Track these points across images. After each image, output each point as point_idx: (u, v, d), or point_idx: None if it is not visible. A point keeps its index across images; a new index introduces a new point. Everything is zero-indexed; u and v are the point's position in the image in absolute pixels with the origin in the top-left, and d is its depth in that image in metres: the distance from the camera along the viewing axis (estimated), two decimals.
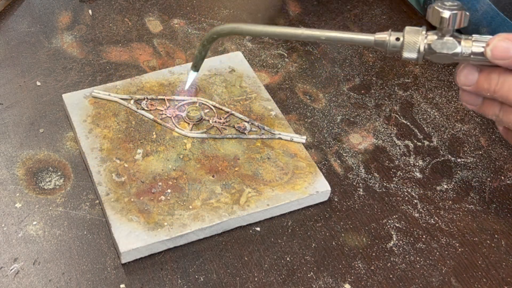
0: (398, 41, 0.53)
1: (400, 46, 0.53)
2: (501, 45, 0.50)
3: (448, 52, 0.52)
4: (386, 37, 0.53)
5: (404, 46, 0.53)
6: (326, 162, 0.66)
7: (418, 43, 0.53)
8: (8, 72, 0.74)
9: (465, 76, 0.54)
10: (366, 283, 0.58)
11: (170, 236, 0.58)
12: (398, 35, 0.53)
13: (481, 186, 0.65)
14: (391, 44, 0.53)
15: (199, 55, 0.59)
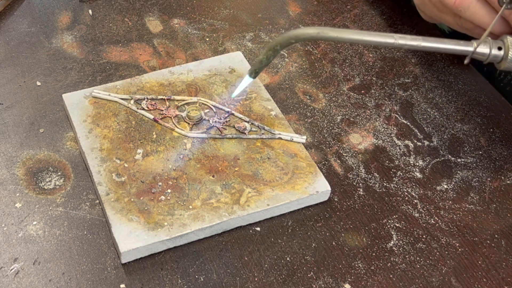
0: (500, 51, 0.50)
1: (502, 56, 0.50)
2: None
3: None
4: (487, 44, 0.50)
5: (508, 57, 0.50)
6: (326, 162, 0.66)
7: None
8: (8, 72, 0.74)
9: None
10: (366, 283, 0.58)
11: (170, 236, 0.58)
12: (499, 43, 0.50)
13: (481, 186, 0.65)
14: (492, 54, 0.50)
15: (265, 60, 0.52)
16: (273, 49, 0.50)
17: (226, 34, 0.79)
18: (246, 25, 0.80)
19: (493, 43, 0.51)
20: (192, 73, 0.72)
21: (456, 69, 0.76)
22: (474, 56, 0.51)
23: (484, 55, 0.51)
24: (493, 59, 0.51)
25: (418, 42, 0.50)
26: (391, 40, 0.49)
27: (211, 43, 0.78)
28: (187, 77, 0.72)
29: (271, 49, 0.50)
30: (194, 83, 0.71)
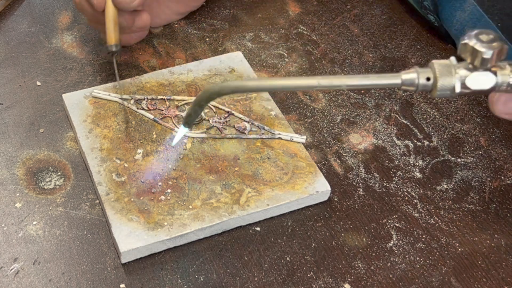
0: (429, 81, 0.48)
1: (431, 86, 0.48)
2: None
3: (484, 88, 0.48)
4: (414, 75, 0.48)
5: (437, 87, 0.48)
6: (326, 162, 0.66)
7: (452, 82, 0.48)
8: (8, 72, 0.74)
9: (504, 104, 0.50)
10: (366, 283, 0.58)
11: (170, 236, 0.58)
12: (427, 73, 0.48)
13: (481, 186, 0.65)
14: (421, 84, 0.48)
15: (194, 114, 0.52)
16: (198, 104, 0.51)
17: (226, 34, 0.79)
18: (246, 25, 0.80)
19: (421, 73, 0.48)
20: (192, 73, 0.72)
21: None
22: (403, 88, 0.49)
23: (413, 85, 0.48)
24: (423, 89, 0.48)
25: (342, 81, 0.49)
26: (314, 83, 0.48)
27: (211, 43, 0.78)
28: (187, 77, 0.72)
29: (196, 104, 0.51)
30: (194, 83, 0.71)
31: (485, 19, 0.72)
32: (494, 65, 0.48)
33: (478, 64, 0.47)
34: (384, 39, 0.79)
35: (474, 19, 0.73)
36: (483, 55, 0.47)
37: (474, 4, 0.73)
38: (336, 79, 0.48)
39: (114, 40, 0.68)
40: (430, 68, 0.48)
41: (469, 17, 0.74)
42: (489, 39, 0.47)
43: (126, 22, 0.69)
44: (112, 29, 0.68)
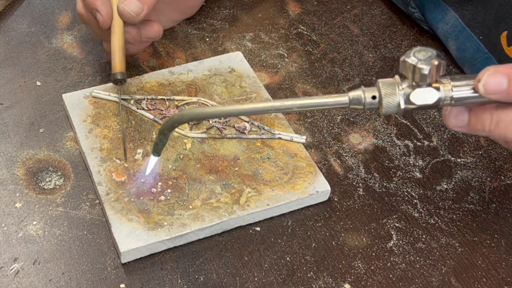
0: (375, 100, 0.50)
1: (378, 103, 0.50)
2: (493, 80, 0.48)
3: (428, 103, 0.50)
4: (360, 94, 0.50)
5: (382, 104, 0.50)
6: (326, 162, 0.66)
7: (396, 99, 0.50)
8: (8, 72, 0.74)
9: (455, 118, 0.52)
10: (366, 283, 0.58)
11: (170, 236, 0.58)
12: (372, 91, 0.50)
13: (481, 186, 0.65)
14: (367, 102, 0.50)
15: (160, 142, 0.56)
16: (163, 133, 0.55)
17: (226, 34, 0.79)
18: (246, 25, 0.80)
19: (367, 92, 0.50)
20: (192, 73, 0.72)
21: (455, 69, 0.76)
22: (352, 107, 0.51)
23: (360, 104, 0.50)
24: (370, 107, 0.50)
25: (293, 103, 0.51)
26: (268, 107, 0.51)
27: (211, 43, 0.78)
28: (187, 77, 0.72)
29: (161, 133, 0.55)
30: (194, 83, 0.71)
31: (467, 31, 0.72)
32: (436, 81, 0.50)
33: (418, 80, 0.49)
34: (384, 39, 0.79)
35: (456, 31, 0.74)
36: (421, 71, 0.48)
37: (456, 16, 0.73)
38: (287, 101, 0.51)
39: (119, 68, 0.67)
40: (375, 86, 0.50)
41: (452, 29, 0.74)
42: (426, 56, 0.49)
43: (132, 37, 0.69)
44: (118, 57, 0.67)
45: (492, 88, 0.48)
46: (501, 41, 0.68)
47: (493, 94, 0.49)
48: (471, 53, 0.72)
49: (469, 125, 0.52)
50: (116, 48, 0.67)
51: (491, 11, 0.69)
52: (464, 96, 0.50)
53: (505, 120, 0.50)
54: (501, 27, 0.68)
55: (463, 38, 0.73)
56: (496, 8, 0.68)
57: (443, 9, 0.75)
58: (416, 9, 0.78)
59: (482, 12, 0.71)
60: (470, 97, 0.50)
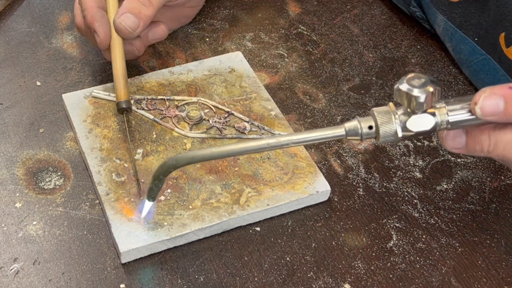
0: (372, 130, 0.50)
1: (374, 133, 0.50)
2: (489, 103, 0.48)
3: (426, 129, 0.49)
4: (357, 125, 0.50)
5: (380, 133, 0.49)
6: (326, 162, 0.66)
7: (393, 128, 0.49)
8: (8, 72, 0.74)
9: (453, 140, 0.51)
10: (366, 283, 0.58)
11: (170, 236, 0.58)
12: (368, 121, 0.50)
13: (481, 186, 0.65)
14: (364, 133, 0.50)
15: (155, 187, 0.54)
16: (158, 179, 0.54)
17: (226, 34, 0.79)
18: (246, 25, 0.80)
19: (363, 123, 0.49)
20: (192, 73, 0.72)
21: (455, 69, 0.76)
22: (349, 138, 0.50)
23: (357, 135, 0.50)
24: (367, 137, 0.50)
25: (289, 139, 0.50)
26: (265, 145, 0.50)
27: (211, 43, 0.78)
28: (187, 77, 0.72)
29: (156, 179, 0.54)
30: (194, 83, 0.71)
31: (460, 34, 0.72)
32: (431, 106, 0.49)
33: (414, 108, 0.49)
34: (384, 39, 0.79)
35: (449, 34, 0.74)
36: (417, 99, 0.48)
37: (445, 20, 0.73)
38: (283, 138, 0.50)
39: (124, 96, 0.66)
40: (371, 116, 0.50)
41: (444, 32, 0.74)
42: (421, 83, 0.48)
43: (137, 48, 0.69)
44: (121, 85, 0.66)
45: (489, 110, 0.48)
46: (500, 42, 0.68)
47: (490, 116, 0.48)
48: (466, 54, 0.72)
49: (467, 147, 0.51)
50: (118, 72, 0.66)
51: (488, 12, 0.69)
52: (461, 119, 0.49)
53: (503, 141, 0.50)
54: (498, 28, 0.68)
55: (457, 40, 0.73)
56: (494, 10, 0.68)
57: (433, 12, 0.75)
58: (418, 8, 0.78)
59: (476, 14, 0.71)
60: (467, 120, 0.49)
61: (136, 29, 0.67)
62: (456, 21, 0.72)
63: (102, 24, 0.67)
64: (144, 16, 0.67)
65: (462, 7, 0.72)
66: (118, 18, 0.67)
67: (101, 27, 0.67)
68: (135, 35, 0.67)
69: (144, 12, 0.67)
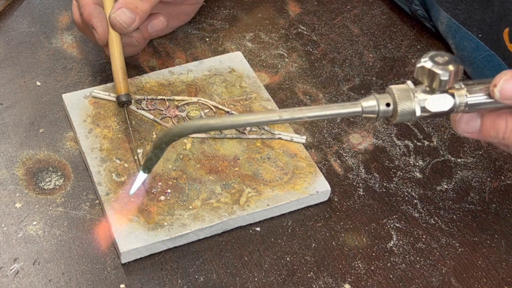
0: (389, 107, 0.48)
1: (392, 111, 0.48)
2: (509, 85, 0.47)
3: (444, 110, 0.48)
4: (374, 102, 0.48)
5: (398, 111, 0.48)
6: (326, 162, 0.66)
7: (412, 106, 0.48)
8: (8, 72, 0.74)
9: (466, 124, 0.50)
10: (366, 283, 0.58)
11: (170, 236, 0.58)
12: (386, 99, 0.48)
13: (481, 186, 0.65)
14: (381, 110, 0.48)
15: (154, 157, 0.51)
16: (159, 147, 0.50)
17: (226, 34, 0.79)
18: (246, 25, 0.80)
19: (380, 100, 0.48)
20: (192, 73, 0.72)
21: None
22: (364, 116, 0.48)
23: (374, 113, 0.48)
24: (384, 115, 0.48)
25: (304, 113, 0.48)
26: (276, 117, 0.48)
27: (211, 43, 0.78)
28: (187, 77, 0.72)
29: (157, 147, 0.50)
30: (194, 83, 0.71)
31: (463, 30, 0.72)
32: (451, 87, 0.48)
33: (436, 86, 0.47)
34: (384, 39, 0.79)
35: (452, 31, 0.74)
36: (440, 77, 0.47)
37: (448, 17, 0.73)
38: (298, 112, 0.48)
39: (123, 89, 0.66)
40: (388, 93, 0.48)
41: (447, 29, 0.74)
42: (444, 61, 0.47)
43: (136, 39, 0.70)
44: (120, 78, 0.66)
45: (509, 93, 0.47)
46: (503, 38, 0.68)
47: (509, 100, 0.47)
48: (470, 51, 0.72)
49: (482, 132, 0.50)
50: (117, 66, 0.67)
51: (492, 8, 0.69)
52: (479, 102, 0.48)
53: None
54: (502, 24, 0.68)
55: (460, 37, 0.73)
56: (498, 6, 0.68)
57: (436, 9, 0.75)
58: (420, 6, 0.78)
59: (480, 10, 0.71)
60: (485, 103, 0.48)
61: (132, 24, 0.67)
62: (460, 18, 0.72)
63: (100, 20, 0.67)
64: (140, 11, 0.67)
65: (465, 3, 0.72)
66: (113, 13, 0.67)
67: (98, 23, 0.67)
68: (131, 30, 0.67)
69: (140, 7, 0.67)
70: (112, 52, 0.68)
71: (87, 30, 0.69)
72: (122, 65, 0.67)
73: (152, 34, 0.72)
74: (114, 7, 0.67)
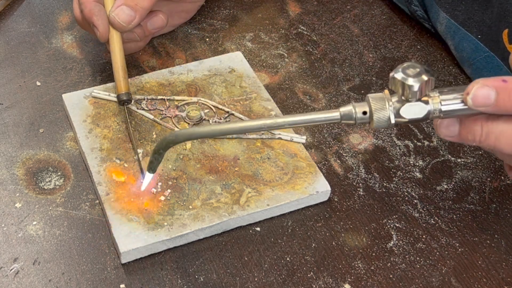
0: (366, 115, 0.51)
1: (368, 118, 0.51)
2: (481, 93, 0.49)
3: (418, 117, 0.51)
4: (351, 110, 0.51)
5: (373, 119, 0.51)
6: (326, 162, 0.66)
7: (387, 114, 0.51)
8: (8, 72, 0.74)
9: (446, 128, 0.52)
10: (366, 283, 0.58)
11: (170, 236, 0.58)
12: (363, 107, 0.51)
13: (481, 186, 0.65)
14: (358, 117, 0.51)
15: (155, 161, 0.56)
16: (158, 152, 0.55)
17: (226, 34, 0.79)
18: (246, 25, 0.80)
19: (357, 108, 0.51)
20: (192, 73, 0.72)
21: (456, 69, 0.76)
22: (343, 123, 0.52)
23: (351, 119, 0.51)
24: (361, 122, 0.51)
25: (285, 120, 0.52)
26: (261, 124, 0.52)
27: (211, 43, 0.78)
28: (187, 77, 0.72)
29: (156, 152, 0.55)
30: (194, 83, 0.71)
31: (463, 31, 0.72)
32: (425, 95, 0.50)
33: (408, 96, 0.50)
34: (384, 39, 0.79)
35: (451, 32, 0.74)
36: (411, 88, 0.49)
37: (447, 18, 0.73)
38: (280, 119, 0.52)
39: (124, 88, 0.66)
40: (366, 102, 0.51)
41: (447, 30, 0.74)
42: (415, 72, 0.49)
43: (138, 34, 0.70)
44: (120, 77, 0.67)
45: (480, 101, 0.49)
46: (503, 39, 0.68)
47: (481, 107, 0.49)
48: (469, 52, 0.72)
49: (460, 136, 0.52)
50: (117, 64, 0.67)
51: (491, 9, 0.69)
52: (453, 109, 0.50)
53: (495, 131, 0.50)
54: (502, 25, 0.68)
55: (459, 38, 0.73)
56: (497, 7, 0.68)
57: (436, 10, 0.75)
58: (419, 7, 0.78)
59: (479, 11, 0.71)
60: (459, 109, 0.50)
61: (131, 22, 0.67)
62: (459, 19, 0.72)
63: (100, 18, 0.67)
64: (140, 8, 0.67)
65: (465, 4, 0.72)
66: (113, 11, 0.67)
67: (99, 21, 0.67)
68: (131, 28, 0.68)
69: (140, 4, 0.67)
70: (112, 50, 0.68)
71: (88, 27, 0.70)
72: (123, 64, 0.67)
73: (152, 32, 0.72)
74: (115, 4, 0.67)
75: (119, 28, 0.67)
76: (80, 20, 0.70)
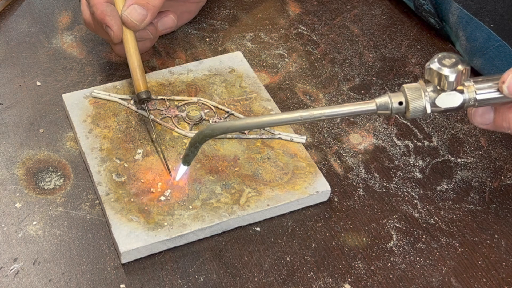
0: (402, 105, 0.52)
1: (404, 109, 0.52)
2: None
3: (454, 106, 0.52)
4: (387, 100, 0.52)
5: (409, 109, 0.52)
6: (326, 162, 0.66)
7: (423, 104, 0.52)
8: (8, 72, 0.74)
9: (481, 116, 0.54)
10: (366, 283, 0.58)
11: (170, 236, 0.58)
12: (399, 97, 0.52)
13: (481, 186, 0.65)
14: (394, 108, 0.52)
15: (191, 154, 0.57)
16: (194, 146, 0.56)
17: (226, 34, 0.79)
18: (246, 25, 0.80)
19: (393, 98, 0.52)
20: (192, 73, 0.72)
21: None
22: (379, 113, 0.53)
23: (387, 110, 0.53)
24: (397, 112, 0.53)
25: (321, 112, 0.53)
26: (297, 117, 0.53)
27: (211, 43, 0.78)
28: (187, 77, 0.72)
29: (192, 146, 0.56)
30: (194, 83, 0.71)
31: (475, 21, 0.72)
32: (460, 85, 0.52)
33: (444, 86, 0.51)
34: (384, 39, 0.79)
35: (463, 22, 0.74)
36: (448, 78, 0.51)
37: (460, 8, 0.73)
38: (316, 111, 0.53)
39: (143, 87, 0.66)
40: (401, 92, 0.53)
41: (459, 20, 0.74)
42: (451, 62, 0.51)
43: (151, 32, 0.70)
44: (138, 76, 0.66)
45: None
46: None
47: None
48: (482, 42, 0.72)
49: (495, 123, 0.54)
50: (134, 64, 0.67)
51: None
52: (488, 97, 0.52)
53: None
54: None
55: (472, 28, 0.73)
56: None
57: (447, 1, 0.75)
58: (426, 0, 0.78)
59: (492, 0, 0.71)
60: (494, 98, 0.52)
61: (143, 20, 0.67)
62: (472, 9, 0.73)
63: (114, 18, 0.67)
64: (151, 6, 0.67)
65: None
66: (125, 11, 0.67)
67: (113, 21, 0.67)
68: (143, 26, 0.68)
69: (151, 2, 0.67)
70: (127, 50, 0.67)
71: (100, 29, 0.69)
72: (139, 63, 0.67)
73: (162, 32, 0.72)
74: (126, 4, 0.67)
75: (133, 27, 0.67)
76: (90, 22, 0.70)
